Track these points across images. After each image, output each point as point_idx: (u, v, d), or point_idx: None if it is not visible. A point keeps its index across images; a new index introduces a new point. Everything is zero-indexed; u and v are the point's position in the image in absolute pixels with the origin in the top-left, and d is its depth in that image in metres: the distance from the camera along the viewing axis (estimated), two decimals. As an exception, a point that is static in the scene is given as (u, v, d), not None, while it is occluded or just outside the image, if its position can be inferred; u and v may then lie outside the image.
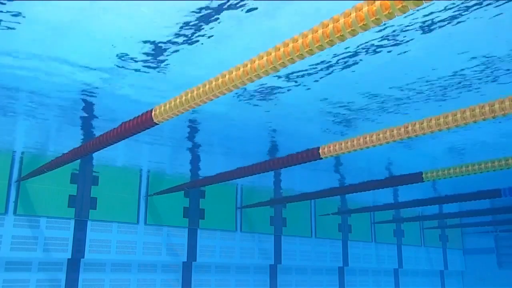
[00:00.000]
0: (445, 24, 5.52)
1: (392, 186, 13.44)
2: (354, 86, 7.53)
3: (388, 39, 5.90)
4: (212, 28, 5.66)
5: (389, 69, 6.87)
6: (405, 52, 6.22)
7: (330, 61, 6.52)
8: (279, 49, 3.69)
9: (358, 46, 6.09)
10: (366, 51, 6.21)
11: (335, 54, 6.31)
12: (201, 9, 5.27)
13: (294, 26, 4.87)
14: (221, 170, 10.29)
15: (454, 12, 5.27)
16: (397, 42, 5.96)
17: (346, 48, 6.14)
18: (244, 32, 5.72)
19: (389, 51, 6.21)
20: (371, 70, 6.84)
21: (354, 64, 6.59)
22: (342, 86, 7.53)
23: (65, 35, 5.91)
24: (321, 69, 6.78)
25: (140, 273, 14.32)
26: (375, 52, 6.23)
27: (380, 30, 5.68)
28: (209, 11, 5.30)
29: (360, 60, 6.47)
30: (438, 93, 7.64)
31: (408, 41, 5.92)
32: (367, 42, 5.99)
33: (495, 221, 20.37)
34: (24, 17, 5.48)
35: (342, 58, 6.43)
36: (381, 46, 6.07)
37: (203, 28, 5.67)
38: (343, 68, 6.74)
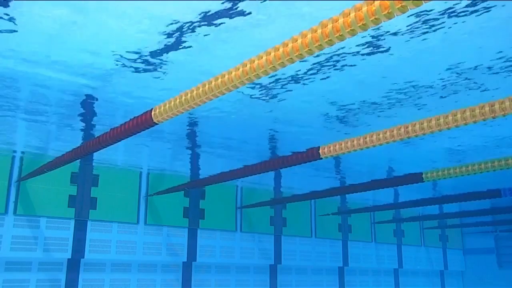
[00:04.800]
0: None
1: (392, 186, 13.44)
2: (354, 85, 7.53)
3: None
4: (213, 28, 5.66)
5: (390, 68, 6.88)
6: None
7: (330, 60, 6.52)
8: (279, 49, 3.69)
9: (357, 46, 6.10)
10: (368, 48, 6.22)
11: (335, 54, 6.31)
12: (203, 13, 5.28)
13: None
14: (221, 170, 10.30)
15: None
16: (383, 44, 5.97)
17: (343, 48, 6.15)
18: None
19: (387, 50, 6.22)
20: (372, 69, 6.85)
21: (352, 63, 6.60)
22: (343, 86, 7.53)
23: (65, 35, 5.91)
24: (322, 69, 6.78)
25: (140, 273, 14.32)
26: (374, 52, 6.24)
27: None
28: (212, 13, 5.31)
29: (360, 59, 6.48)
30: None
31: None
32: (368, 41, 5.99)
33: (495, 221, 20.37)
34: (24, 17, 5.48)
35: (342, 57, 6.43)
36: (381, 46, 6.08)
37: (199, 31, 5.67)
38: (343, 67, 6.74)
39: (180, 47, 6.15)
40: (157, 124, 5.51)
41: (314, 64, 6.60)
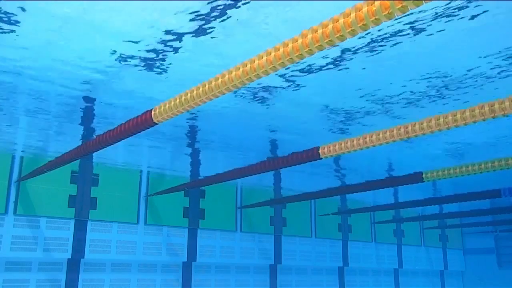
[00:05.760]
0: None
1: (392, 186, 13.44)
2: (354, 85, 7.53)
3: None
4: (214, 26, 5.66)
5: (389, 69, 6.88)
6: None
7: (330, 61, 6.52)
8: (279, 49, 3.69)
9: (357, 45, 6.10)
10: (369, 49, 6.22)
11: (334, 54, 6.32)
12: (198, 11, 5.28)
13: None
14: (221, 170, 10.30)
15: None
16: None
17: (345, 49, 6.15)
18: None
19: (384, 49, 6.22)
20: (371, 69, 6.85)
21: (352, 63, 6.60)
22: (343, 86, 7.53)
23: (65, 34, 5.91)
24: (321, 69, 6.78)
25: (140, 273, 14.32)
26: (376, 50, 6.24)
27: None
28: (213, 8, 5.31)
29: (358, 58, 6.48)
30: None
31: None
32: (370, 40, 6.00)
33: (495, 221, 20.38)
34: (24, 16, 5.49)
35: (343, 57, 6.43)
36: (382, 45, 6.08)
37: (205, 26, 5.67)
38: (342, 68, 6.75)
39: (181, 46, 6.15)
40: (157, 124, 5.51)
41: (314, 64, 6.61)
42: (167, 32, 5.78)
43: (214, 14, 5.35)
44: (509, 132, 9.90)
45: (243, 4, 5.11)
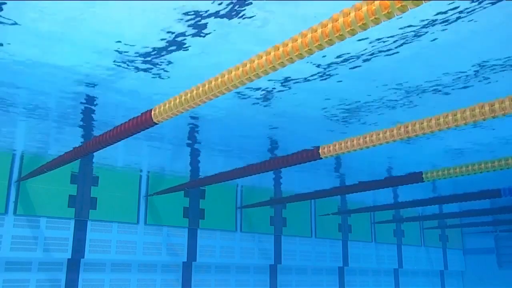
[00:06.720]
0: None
1: (392, 186, 13.44)
2: (354, 85, 7.54)
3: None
4: (215, 27, 5.66)
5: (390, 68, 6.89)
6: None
7: (330, 60, 6.53)
8: (278, 49, 3.69)
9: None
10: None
11: (335, 55, 6.32)
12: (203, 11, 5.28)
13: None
14: (221, 170, 10.29)
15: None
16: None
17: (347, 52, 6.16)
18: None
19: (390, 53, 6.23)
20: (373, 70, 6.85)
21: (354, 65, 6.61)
22: (343, 86, 7.53)
23: (65, 33, 5.91)
24: (321, 69, 6.79)
25: (140, 273, 14.32)
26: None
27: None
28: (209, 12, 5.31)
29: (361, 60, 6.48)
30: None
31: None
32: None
33: (495, 221, 20.38)
34: (24, 16, 5.48)
35: (344, 58, 6.43)
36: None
37: (201, 31, 5.68)
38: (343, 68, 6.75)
39: (183, 46, 6.15)
40: (157, 124, 5.51)
41: (314, 64, 6.61)
42: (167, 33, 5.78)
43: (216, 13, 5.35)
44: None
45: (246, 5, 5.12)
